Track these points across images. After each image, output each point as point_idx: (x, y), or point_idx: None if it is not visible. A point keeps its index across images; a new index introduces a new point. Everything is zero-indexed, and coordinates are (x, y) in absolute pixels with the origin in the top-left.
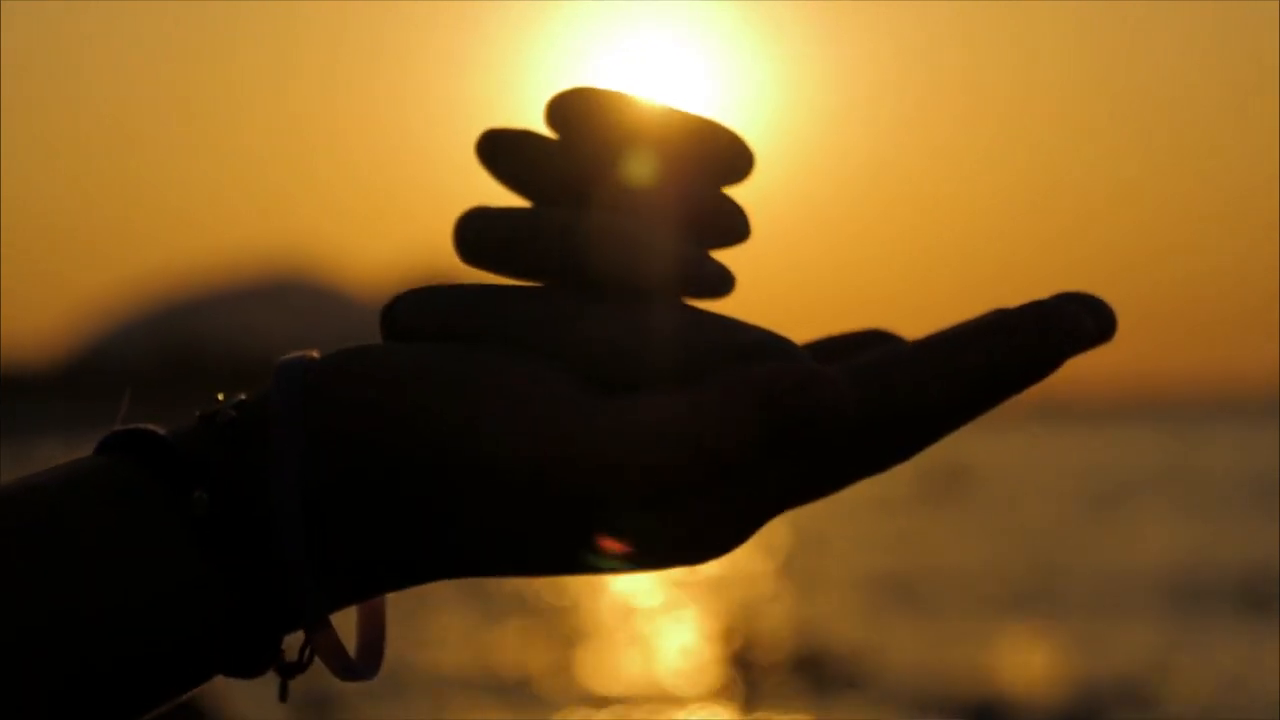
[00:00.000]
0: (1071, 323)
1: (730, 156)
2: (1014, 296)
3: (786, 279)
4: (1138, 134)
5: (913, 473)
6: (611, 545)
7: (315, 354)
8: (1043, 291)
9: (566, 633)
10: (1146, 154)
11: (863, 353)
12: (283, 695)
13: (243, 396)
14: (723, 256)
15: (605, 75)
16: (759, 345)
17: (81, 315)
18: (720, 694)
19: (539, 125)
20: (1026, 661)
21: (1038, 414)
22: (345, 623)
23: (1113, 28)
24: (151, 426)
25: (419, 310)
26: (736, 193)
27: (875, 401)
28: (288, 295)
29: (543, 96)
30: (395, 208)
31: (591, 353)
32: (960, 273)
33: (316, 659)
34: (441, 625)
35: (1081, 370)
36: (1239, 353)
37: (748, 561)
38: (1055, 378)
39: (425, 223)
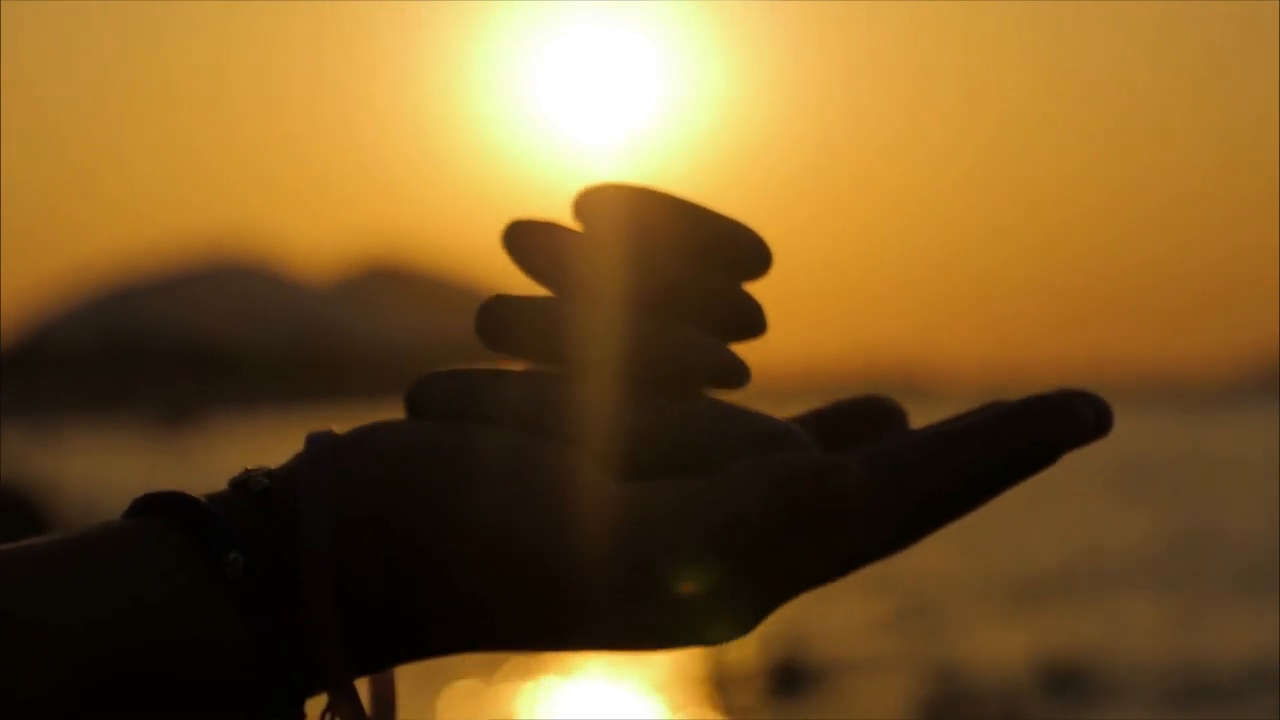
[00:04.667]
0: (1074, 417)
1: (748, 252)
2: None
3: None
4: (1114, 117)
5: None
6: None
7: (337, 430)
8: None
9: None
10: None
11: (861, 425)
12: None
13: (271, 467)
14: (739, 349)
15: (554, 64)
16: (775, 435)
17: (26, 301)
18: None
19: (496, 143)
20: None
21: None
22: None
23: (1099, 19)
24: (184, 492)
25: (442, 392)
26: (753, 288)
27: (887, 491)
28: (232, 280)
29: (490, 86)
30: (339, 193)
31: (610, 439)
32: (923, 267)
33: None
34: None
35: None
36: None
37: None
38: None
39: (369, 208)
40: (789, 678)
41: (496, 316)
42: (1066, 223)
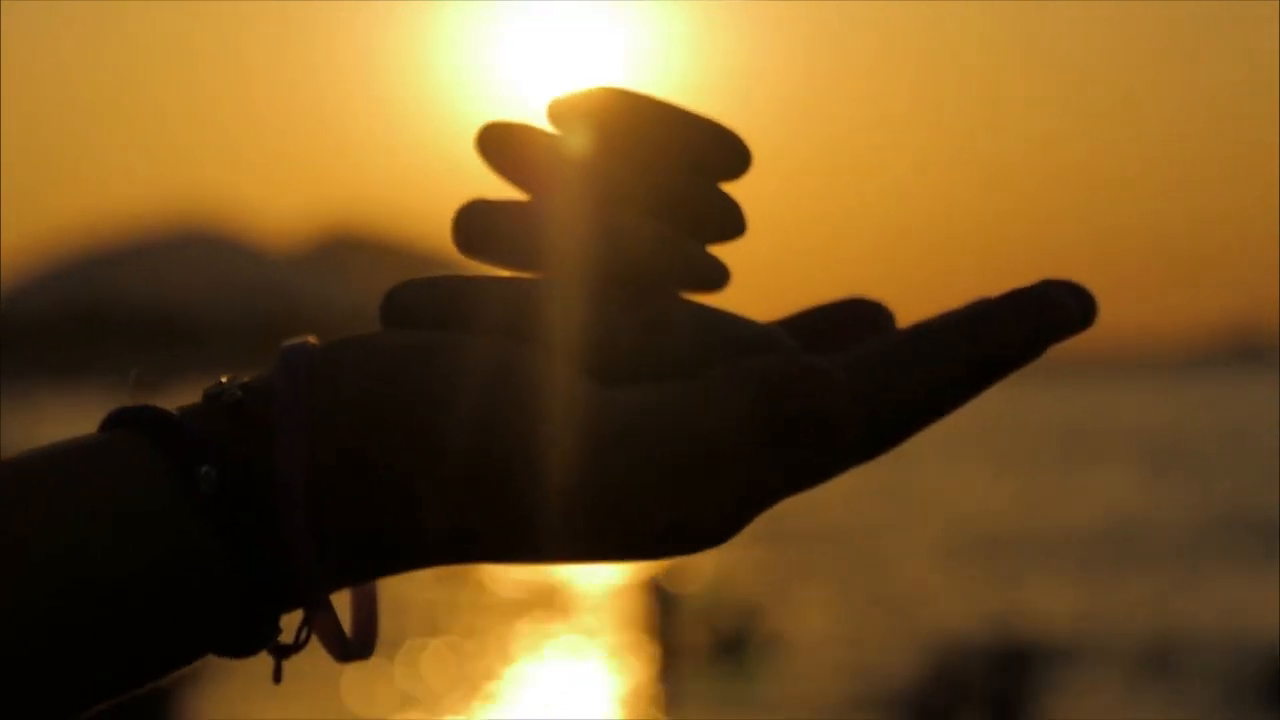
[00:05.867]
0: (1058, 308)
1: (727, 153)
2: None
3: None
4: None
5: None
6: (609, 532)
7: (314, 340)
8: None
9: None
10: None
11: (847, 328)
12: (277, 677)
13: (245, 379)
14: (718, 251)
15: (518, 35)
16: (757, 338)
17: None
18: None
19: (468, 94)
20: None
21: None
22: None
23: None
24: (157, 405)
25: (418, 299)
26: (732, 189)
27: (870, 392)
28: (196, 249)
29: (454, 56)
30: (301, 162)
31: (590, 344)
32: (901, 245)
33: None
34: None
35: None
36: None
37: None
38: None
39: (333, 177)
40: (741, 650)
41: (473, 221)
42: (1043, 191)
